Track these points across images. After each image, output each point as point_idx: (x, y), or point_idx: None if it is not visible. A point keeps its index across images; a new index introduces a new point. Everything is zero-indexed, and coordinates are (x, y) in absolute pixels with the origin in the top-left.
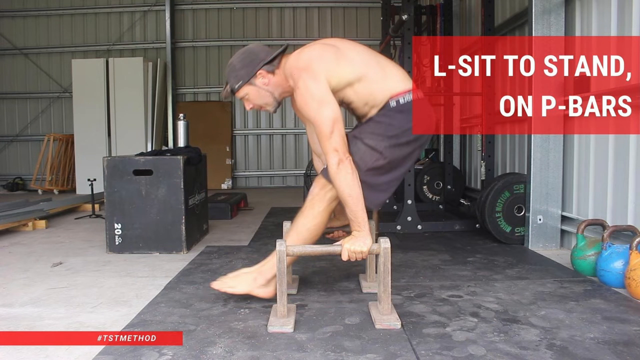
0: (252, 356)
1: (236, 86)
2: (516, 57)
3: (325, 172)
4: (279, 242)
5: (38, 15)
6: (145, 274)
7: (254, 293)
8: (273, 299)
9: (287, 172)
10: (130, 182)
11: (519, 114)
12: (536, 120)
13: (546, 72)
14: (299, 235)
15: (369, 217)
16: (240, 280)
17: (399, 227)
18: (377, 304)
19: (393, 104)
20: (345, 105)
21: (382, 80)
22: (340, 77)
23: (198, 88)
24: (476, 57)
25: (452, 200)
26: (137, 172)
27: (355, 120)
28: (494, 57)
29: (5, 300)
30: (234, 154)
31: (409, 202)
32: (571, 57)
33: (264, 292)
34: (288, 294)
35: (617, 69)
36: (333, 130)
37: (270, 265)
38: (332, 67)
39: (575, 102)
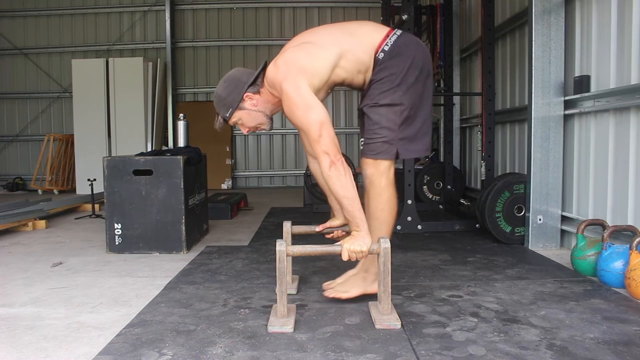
0: (252, 356)
1: (227, 114)
2: (516, 57)
3: (366, 153)
4: (278, 242)
5: (38, 15)
6: (145, 274)
7: (368, 291)
8: (273, 299)
9: (287, 172)
10: (130, 182)
11: (519, 114)
12: (536, 120)
13: (546, 72)
14: (376, 220)
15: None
16: (352, 284)
17: (399, 227)
18: (377, 304)
19: (381, 55)
20: (341, 84)
21: (360, 44)
22: (320, 72)
23: (198, 88)
24: (476, 57)
25: (452, 200)
26: (137, 172)
27: (359, 97)
28: (494, 57)
29: (5, 300)
30: (234, 154)
31: (409, 202)
32: (571, 57)
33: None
34: (288, 294)
35: (616, 69)
36: (321, 134)
37: (371, 260)
38: (309, 67)
39: (575, 102)
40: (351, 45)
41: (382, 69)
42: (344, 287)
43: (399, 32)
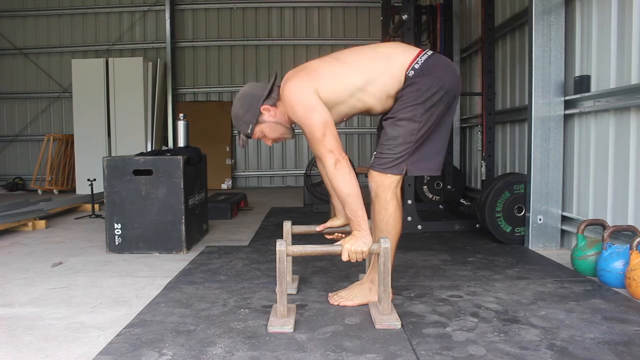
0: (252, 356)
1: (249, 131)
2: (516, 57)
3: (374, 166)
4: (278, 242)
5: (38, 15)
6: (145, 274)
7: (371, 302)
8: (273, 299)
9: (287, 172)
10: (130, 182)
11: (519, 114)
12: (536, 120)
13: (546, 72)
14: (380, 232)
15: (369, 216)
16: (356, 293)
17: None
18: (377, 304)
19: (411, 73)
20: (367, 113)
21: (391, 66)
22: (336, 90)
23: (198, 88)
24: (476, 57)
25: (452, 200)
26: (137, 172)
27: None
28: (494, 57)
29: (5, 300)
30: (234, 154)
31: (409, 202)
32: (571, 57)
33: None
34: (288, 294)
35: (616, 69)
36: (325, 133)
37: (377, 272)
38: (321, 81)
39: (575, 102)
40: (383, 68)
41: (410, 85)
42: (349, 294)
43: (429, 52)
